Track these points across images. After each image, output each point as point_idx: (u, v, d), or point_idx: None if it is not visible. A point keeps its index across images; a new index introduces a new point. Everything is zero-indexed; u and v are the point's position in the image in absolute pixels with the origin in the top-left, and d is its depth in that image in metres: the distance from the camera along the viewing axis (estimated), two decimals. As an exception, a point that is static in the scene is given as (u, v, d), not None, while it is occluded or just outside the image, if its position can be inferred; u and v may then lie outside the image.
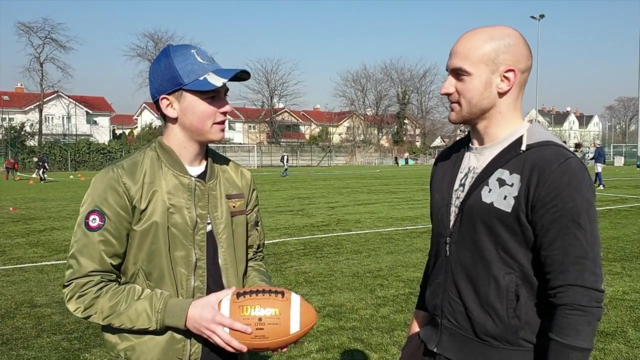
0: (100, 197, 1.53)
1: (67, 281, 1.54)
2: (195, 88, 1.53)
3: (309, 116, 77.19)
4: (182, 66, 1.54)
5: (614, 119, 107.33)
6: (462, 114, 1.50)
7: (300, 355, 4.16)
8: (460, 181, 1.55)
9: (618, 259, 7.51)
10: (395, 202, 15.85)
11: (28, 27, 52.20)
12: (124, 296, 1.51)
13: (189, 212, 1.59)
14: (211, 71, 1.55)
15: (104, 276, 1.54)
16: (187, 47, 1.59)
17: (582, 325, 1.32)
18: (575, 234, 1.33)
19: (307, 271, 6.97)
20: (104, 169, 1.58)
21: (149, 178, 1.57)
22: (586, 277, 1.33)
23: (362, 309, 5.34)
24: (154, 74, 1.58)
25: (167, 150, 1.62)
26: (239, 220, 1.73)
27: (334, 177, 32.25)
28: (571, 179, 1.34)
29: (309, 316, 1.55)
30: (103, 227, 1.52)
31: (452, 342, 1.53)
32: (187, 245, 1.58)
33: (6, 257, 8.09)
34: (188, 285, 1.58)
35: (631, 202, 15.46)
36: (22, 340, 4.54)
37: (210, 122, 1.58)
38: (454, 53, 1.48)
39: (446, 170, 1.63)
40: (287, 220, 12.04)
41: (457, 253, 1.51)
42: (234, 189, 1.74)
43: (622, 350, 4.21)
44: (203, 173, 1.67)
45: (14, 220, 12.38)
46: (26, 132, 51.08)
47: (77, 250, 1.53)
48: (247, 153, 59.26)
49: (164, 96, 1.57)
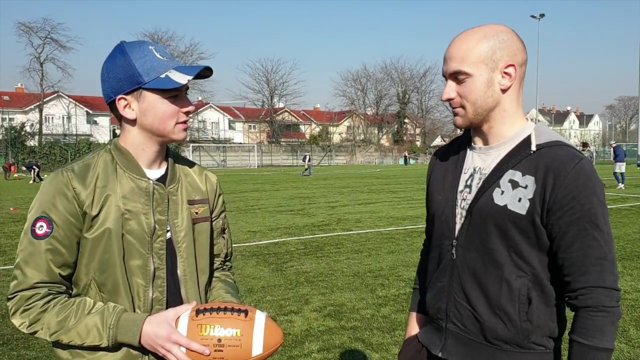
0: (47, 203, 1.42)
1: (11, 293, 1.43)
2: (157, 86, 1.43)
3: (309, 116, 77.18)
4: (141, 63, 1.43)
5: (614, 118, 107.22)
6: (468, 117, 1.47)
7: (301, 355, 4.15)
8: (466, 182, 1.52)
9: (619, 259, 7.50)
10: (395, 202, 15.84)
11: (28, 27, 52.20)
12: (73, 310, 1.40)
13: (146, 217, 1.48)
14: (172, 68, 1.45)
15: (52, 288, 1.43)
16: (143, 43, 1.47)
17: (607, 326, 1.32)
18: (594, 236, 1.34)
19: (308, 271, 6.97)
20: (54, 173, 1.47)
21: (102, 182, 1.46)
22: (607, 277, 1.33)
23: (363, 308, 5.33)
24: (108, 72, 1.46)
25: (123, 152, 1.51)
26: (202, 228, 1.61)
27: (334, 177, 32.24)
28: (586, 181, 1.34)
29: (273, 338, 1.44)
30: (50, 234, 1.41)
31: (459, 346, 1.51)
32: (145, 253, 1.47)
33: (7, 257, 8.09)
34: (146, 297, 1.47)
35: (632, 201, 15.44)
36: (22, 340, 4.53)
37: (172, 122, 1.48)
38: (450, 57, 1.45)
39: (447, 169, 1.60)
40: (287, 219, 12.04)
41: (465, 256, 1.48)
42: (197, 194, 1.62)
43: (623, 350, 4.20)
44: (163, 176, 1.56)
45: (14, 220, 12.37)
46: (26, 132, 51.08)
47: (23, 259, 1.42)
48: (248, 153, 59.27)
49: (122, 96, 1.45)
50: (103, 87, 1.50)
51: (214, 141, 61.90)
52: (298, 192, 20.39)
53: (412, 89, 76.88)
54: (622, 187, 19.89)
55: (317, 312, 5.23)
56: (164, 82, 1.43)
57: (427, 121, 78.70)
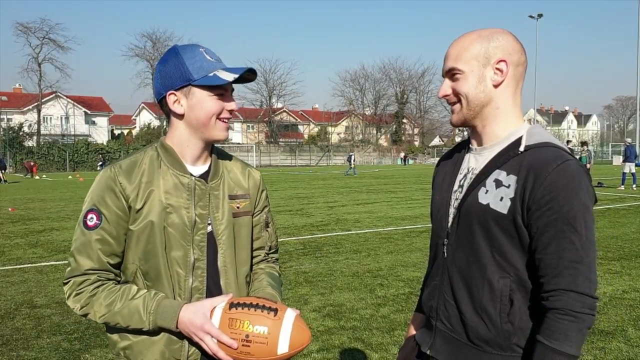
0: (98, 197, 1.55)
1: (66, 279, 1.56)
2: (206, 83, 1.54)
3: (307, 116, 77.21)
4: (191, 62, 1.54)
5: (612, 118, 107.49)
6: (462, 112, 1.49)
7: (301, 355, 4.15)
8: (460, 182, 1.54)
9: (617, 258, 7.52)
10: (394, 202, 15.85)
11: (26, 28, 52.20)
12: (119, 296, 1.52)
13: (187, 212, 1.58)
14: (220, 68, 1.56)
15: (101, 275, 1.55)
16: (195, 46, 1.60)
17: (572, 331, 1.28)
18: (571, 238, 1.31)
19: (307, 271, 6.97)
20: (104, 169, 1.60)
21: (147, 177, 1.57)
22: (580, 282, 1.30)
23: (362, 308, 5.34)
24: (161, 72, 1.58)
25: (168, 149, 1.62)
26: (243, 222, 1.69)
27: (332, 177, 32.23)
28: (568, 182, 1.32)
29: (300, 338, 1.48)
30: (100, 226, 1.53)
31: (445, 345, 1.52)
32: (185, 245, 1.57)
33: (5, 257, 8.07)
34: (185, 286, 1.56)
35: (629, 200, 15.47)
36: (22, 341, 4.53)
37: (214, 119, 1.58)
38: (447, 57, 1.51)
39: (447, 171, 1.63)
40: (286, 219, 12.04)
41: (454, 255, 1.50)
42: (239, 190, 1.71)
43: (622, 349, 4.21)
44: (206, 172, 1.65)
45: (12, 221, 12.35)
46: (24, 133, 51.03)
47: (76, 248, 1.55)
48: (246, 153, 59.21)
49: (172, 92, 1.56)
50: (155, 84, 1.62)
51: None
52: (296, 192, 20.39)
53: (411, 89, 76.93)
54: (622, 188, 19.87)
55: (316, 312, 5.23)
56: (212, 79, 1.54)
57: (425, 121, 78.73)
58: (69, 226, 11.40)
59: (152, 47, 60.07)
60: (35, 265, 7.54)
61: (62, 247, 8.93)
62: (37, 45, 53.23)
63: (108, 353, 4.23)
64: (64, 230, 10.89)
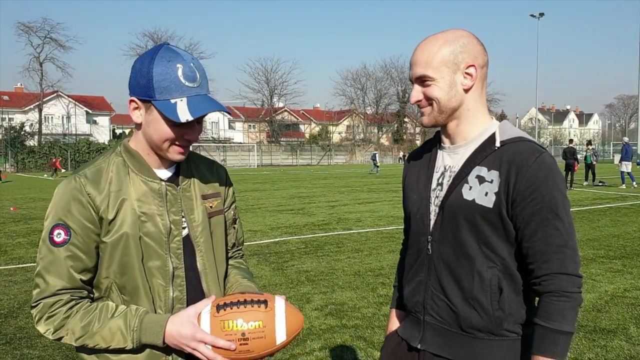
0: (63, 210, 1.43)
1: (35, 302, 1.44)
2: (161, 110, 1.40)
3: (308, 115, 77.20)
4: (159, 79, 1.40)
5: (613, 117, 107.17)
6: (433, 115, 1.56)
7: (303, 353, 4.17)
8: (438, 180, 1.60)
9: (619, 257, 7.53)
10: (395, 201, 15.86)
11: (27, 27, 52.18)
12: (97, 315, 1.42)
13: (161, 219, 1.49)
14: (187, 97, 1.41)
15: (74, 294, 1.44)
16: (175, 57, 1.43)
17: (568, 310, 1.39)
18: (555, 225, 1.41)
19: (309, 270, 6.98)
20: (66, 179, 1.48)
21: (116, 186, 1.47)
22: (568, 264, 1.40)
23: (364, 307, 5.35)
24: (134, 71, 1.46)
25: (134, 154, 1.52)
26: (217, 221, 1.64)
27: (334, 176, 32.25)
28: (547, 173, 1.42)
29: (295, 323, 1.47)
30: (69, 241, 1.42)
31: (437, 337, 1.58)
32: (163, 254, 1.49)
33: (8, 257, 8.10)
34: (166, 297, 1.49)
35: (631, 199, 15.47)
36: (25, 339, 4.56)
37: (168, 143, 1.47)
38: (415, 63, 1.55)
39: (420, 170, 1.68)
40: (287, 219, 12.05)
41: (439, 250, 1.56)
42: (210, 189, 1.64)
43: (623, 348, 4.22)
44: (174, 175, 1.57)
45: (14, 220, 12.39)
46: (26, 132, 51.06)
47: (43, 267, 1.43)
48: (247, 152, 59.25)
49: (134, 99, 1.46)
50: (129, 80, 1.49)
51: (214, 141, 61.89)
52: (298, 191, 20.41)
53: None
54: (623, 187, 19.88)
55: (318, 310, 5.25)
56: (168, 109, 1.40)
57: (426, 120, 78.49)
58: (71, 225, 11.43)
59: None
60: (38, 264, 7.56)
61: (65, 246, 8.95)
62: (39, 45, 53.28)
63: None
64: (66, 229, 10.90)
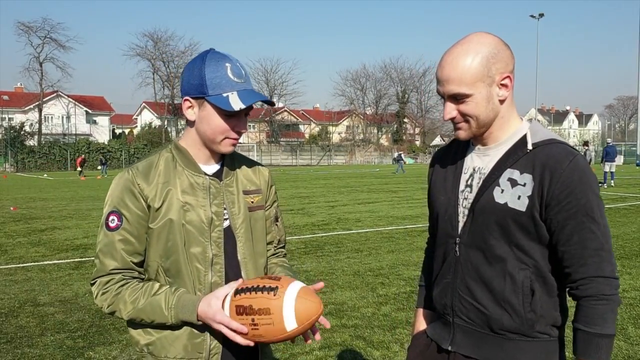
0: (117, 199, 1.61)
1: (93, 279, 1.63)
2: (215, 103, 1.57)
3: (308, 115, 77.21)
4: (211, 77, 1.57)
5: (613, 117, 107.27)
6: (472, 131, 1.52)
7: (303, 352, 4.19)
8: (466, 182, 1.57)
9: (618, 257, 7.54)
10: (395, 201, 15.88)
11: (27, 27, 52.27)
12: (142, 292, 1.58)
13: (204, 210, 1.63)
14: (237, 91, 1.58)
15: (126, 274, 1.61)
16: (223, 58, 1.61)
17: (608, 313, 1.39)
18: (591, 228, 1.40)
19: (309, 270, 7.00)
20: (121, 172, 1.66)
21: (164, 178, 1.63)
22: (605, 267, 1.40)
23: (363, 307, 5.37)
24: (186, 73, 1.62)
25: (182, 150, 1.67)
26: (258, 215, 1.76)
27: (333, 176, 32.26)
28: (581, 176, 1.41)
29: (307, 311, 1.47)
30: (121, 227, 1.59)
31: (467, 339, 1.57)
32: (203, 242, 1.62)
33: (8, 256, 8.12)
34: (205, 281, 1.62)
35: (630, 200, 15.49)
36: (26, 338, 4.57)
37: (221, 136, 1.62)
38: (446, 80, 1.47)
39: (448, 170, 1.65)
40: (287, 219, 12.05)
41: (468, 253, 1.54)
42: (252, 185, 1.77)
43: (622, 347, 4.24)
44: (219, 171, 1.71)
45: (15, 220, 12.40)
46: (26, 132, 51.08)
47: (100, 250, 1.61)
48: (247, 152, 59.19)
49: (188, 98, 1.61)
50: (180, 84, 1.68)
51: (214, 141, 61.85)
52: (298, 191, 20.42)
53: (412, 89, 76.86)
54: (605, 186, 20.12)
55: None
56: (222, 101, 1.56)
57: (426, 121, 78.63)
58: (71, 225, 11.45)
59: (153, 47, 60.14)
60: (38, 263, 7.58)
61: (64, 245, 8.98)
62: (39, 45, 53.37)
63: (112, 350, 4.26)
64: (66, 229, 10.93)
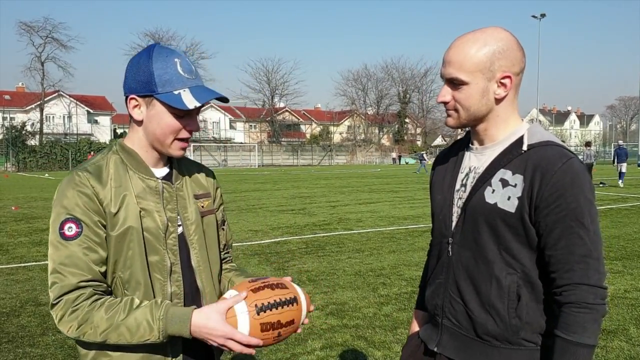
0: (70, 204, 1.43)
1: (55, 299, 1.41)
2: (166, 101, 1.46)
3: (309, 115, 77.18)
4: (160, 73, 1.46)
5: (614, 118, 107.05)
6: (459, 120, 1.51)
7: (304, 352, 4.19)
8: (462, 181, 1.56)
9: (619, 258, 7.54)
10: (396, 201, 15.87)
11: (29, 27, 52.22)
12: (121, 306, 1.40)
13: (159, 215, 1.53)
14: (189, 87, 1.48)
15: (96, 287, 1.43)
16: (172, 53, 1.50)
17: (589, 322, 1.34)
18: (579, 234, 1.35)
19: (310, 270, 7.00)
20: (68, 176, 1.49)
21: (116, 182, 1.50)
22: (591, 275, 1.35)
23: (365, 307, 5.37)
24: (130, 70, 1.50)
25: (131, 153, 1.55)
26: (209, 220, 1.68)
27: (334, 176, 32.25)
28: (574, 180, 1.36)
29: (308, 302, 1.63)
30: (82, 233, 1.42)
31: (453, 342, 1.55)
32: (161, 249, 1.52)
33: (9, 255, 8.12)
34: (164, 292, 1.52)
35: (632, 201, 15.46)
36: (28, 338, 4.57)
37: (172, 137, 1.52)
38: (449, 62, 1.46)
39: (446, 170, 1.64)
40: (288, 219, 12.06)
41: (459, 253, 1.52)
42: (201, 189, 1.69)
43: (623, 348, 4.23)
44: (168, 174, 1.61)
45: (16, 220, 12.41)
46: (27, 132, 51.08)
47: (60, 264, 1.41)
48: (249, 152, 59.29)
49: (134, 97, 1.50)
50: (124, 81, 1.53)
51: (215, 141, 61.97)
52: (299, 191, 20.42)
53: (413, 89, 76.84)
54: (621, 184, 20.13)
55: (319, 310, 5.26)
56: (174, 99, 1.46)
57: (427, 121, 78.59)
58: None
59: (154, 47, 60.06)
60: (39, 263, 7.57)
61: (66, 245, 8.96)
62: (40, 45, 53.31)
63: None
64: (68, 228, 10.92)
